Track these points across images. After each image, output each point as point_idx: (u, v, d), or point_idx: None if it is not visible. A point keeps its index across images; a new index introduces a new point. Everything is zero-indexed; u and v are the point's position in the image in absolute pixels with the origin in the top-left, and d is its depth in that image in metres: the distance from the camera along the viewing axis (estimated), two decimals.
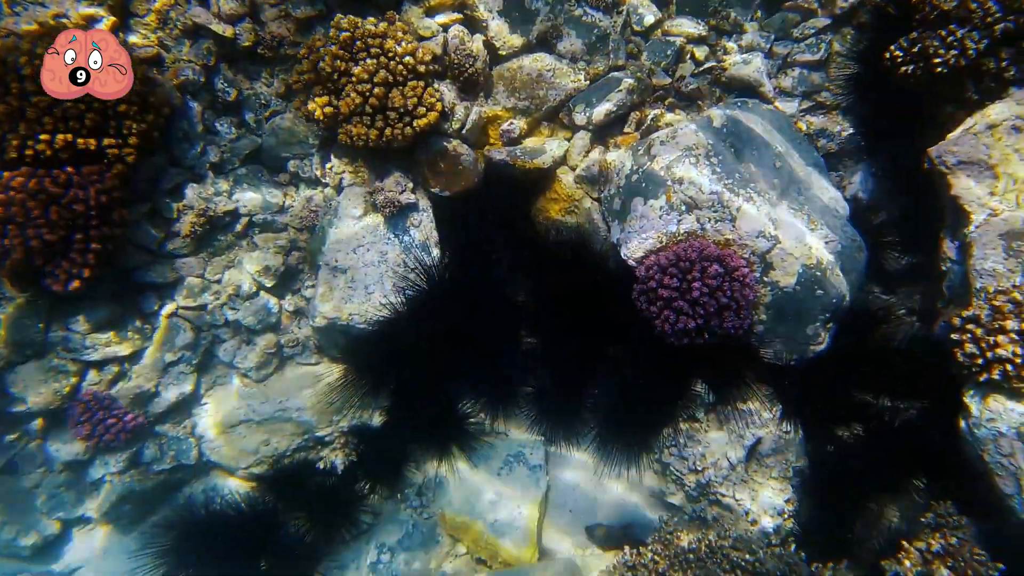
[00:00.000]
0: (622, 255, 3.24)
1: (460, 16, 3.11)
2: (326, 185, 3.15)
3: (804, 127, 3.43)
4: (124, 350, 2.97)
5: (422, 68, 2.90)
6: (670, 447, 3.19)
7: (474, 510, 3.11)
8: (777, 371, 3.17)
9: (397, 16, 2.96)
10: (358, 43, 2.76)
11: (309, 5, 2.84)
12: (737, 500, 3.07)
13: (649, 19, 3.40)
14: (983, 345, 2.65)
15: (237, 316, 3.14)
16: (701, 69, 3.40)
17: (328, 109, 2.81)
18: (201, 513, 2.93)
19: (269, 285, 3.15)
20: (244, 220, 3.08)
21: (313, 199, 3.12)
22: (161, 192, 2.99)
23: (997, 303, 2.66)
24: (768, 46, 3.38)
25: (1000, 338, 2.60)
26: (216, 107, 2.98)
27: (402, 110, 2.86)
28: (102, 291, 2.92)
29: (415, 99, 2.88)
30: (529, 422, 3.29)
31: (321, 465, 3.14)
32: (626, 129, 3.36)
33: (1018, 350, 2.55)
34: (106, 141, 2.61)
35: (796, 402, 3.13)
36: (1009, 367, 2.58)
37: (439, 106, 2.96)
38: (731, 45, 3.39)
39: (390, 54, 2.81)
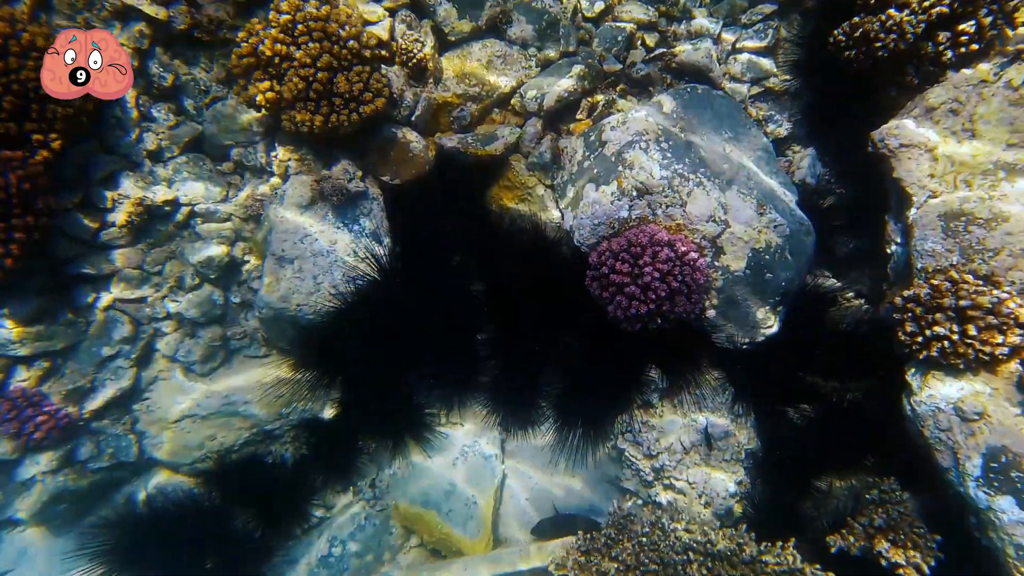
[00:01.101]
0: (575, 241, 3.24)
1: (407, 0, 3.08)
2: (272, 173, 3.07)
3: (754, 112, 3.46)
4: (56, 344, 2.86)
5: (367, 53, 2.84)
6: (625, 433, 3.20)
7: (428, 501, 3.09)
8: (729, 355, 3.21)
9: (342, 1, 2.91)
10: (300, 26, 2.69)
11: None
12: (690, 483, 3.10)
13: (599, 5, 3.39)
14: (922, 324, 2.72)
15: (179, 308, 3.05)
16: (652, 55, 3.41)
17: (270, 95, 2.74)
18: (143, 511, 2.85)
19: (213, 276, 3.06)
20: (185, 209, 2.98)
21: (259, 188, 3.04)
22: (94, 181, 2.87)
23: (935, 282, 2.72)
24: (717, 32, 3.40)
25: (938, 316, 2.67)
26: (152, 93, 2.88)
27: (348, 96, 2.80)
28: (31, 283, 2.79)
29: (361, 84, 2.82)
30: (485, 412, 3.27)
31: (270, 459, 3.07)
32: (578, 115, 3.36)
33: (954, 327, 2.63)
34: (28, 126, 2.49)
35: (748, 385, 3.16)
36: (946, 344, 2.65)
37: (386, 92, 2.91)
38: (681, 31, 3.41)
39: (334, 38, 2.75)
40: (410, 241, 3.19)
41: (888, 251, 3.16)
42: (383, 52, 3.01)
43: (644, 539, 2.82)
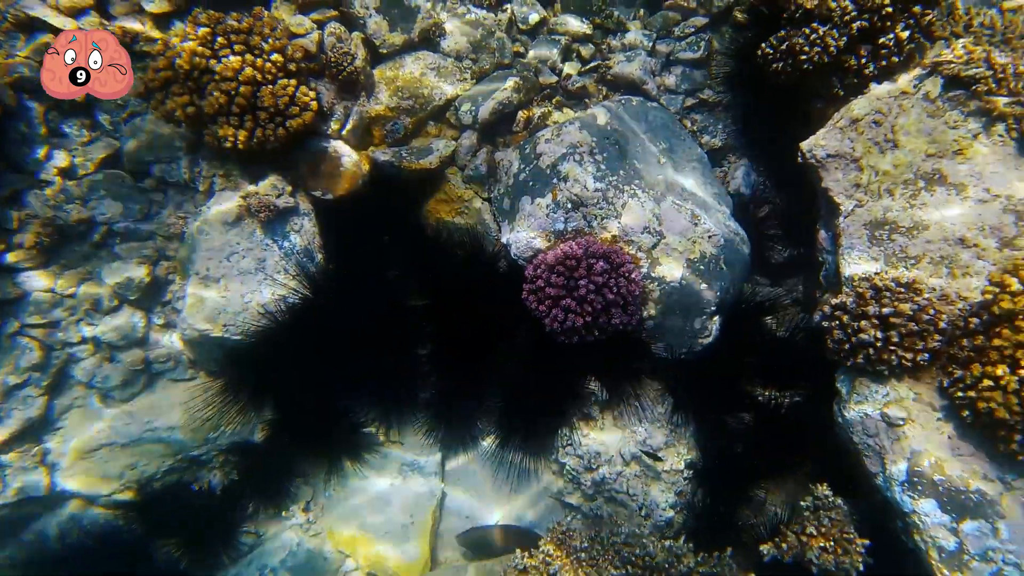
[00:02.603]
0: (512, 255, 3.21)
1: (335, 12, 3.01)
2: (196, 190, 2.98)
3: (689, 124, 3.51)
4: None
5: (293, 66, 2.77)
6: (566, 447, 3.19)
7: (364, 523, 3.01)
8: (668, 365, 3.23)
9: (266, 12, 2.84)
10: (220, 39, 2.62)
11: None
12: (631, 496, 3.09)
13: (534, 17, 3.40)
14: (849, 331, 2.77)
15: (96, 332, 2.93)
16: (587, 67, 3.42)
17: (190, 109, 2.65)
18: (55, 548, 2.71)
19: (133, 298, 2.96)
20: (103, 229, 2.87)
21: (182, 205, 2.95)
22: None
23: (861, 290, 2.78)
24: (651, 44, 3.44)
25: (863, 323, 2.72)
26: (62, 107, 2.77)
27: (273, 110, 2.72)
28: None
29: (287, 98, 2.75)
30: (424, 429, 3.21)
31: (197, 487, 2.96)
32: (514, 128, 3.34)
33: (879, 334, 2.68)
34: None
35: (687, 395, 3.18)
36: (871, 351, 2.71)
37: (315, 106, 2.85)
38: (616, 44, 3.44)
39: (256, 51, 2.68)
40: (344, 257, 3.13)
41: (820, 259, 3.23)
42: (311, 65, 2.95)
43: (583, 554, 2.80)
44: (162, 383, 3.09)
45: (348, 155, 3.09)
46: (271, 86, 2.72)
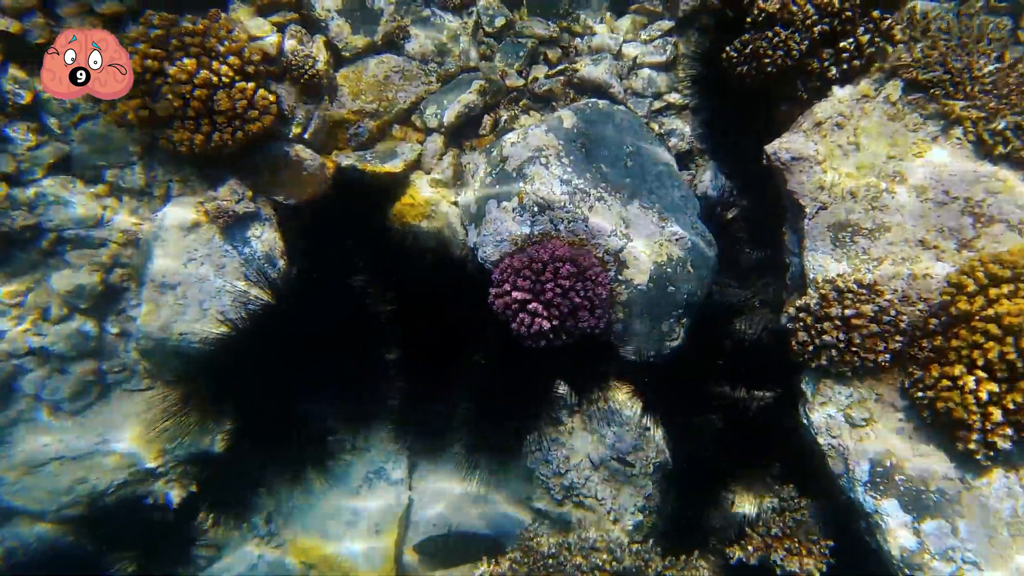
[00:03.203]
0: (479, 259, 3.19)
1: (296, 15, 2.96)
2: (152, 195, 2.91)
3: (656, 127, 3.51)
4: None
5: (251, 69, 2.71)
6: (535, 452, 3.16)
7: (328, 533, 2.95)
8: (637, 368, 3.22)
9: (223, 14, 2.78)
10: (174, 41, 2.56)
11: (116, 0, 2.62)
12: (599, 500, 3.07)
13: (500, 20, 3.38)
14: (812, 333, 2.78)
15: (44, 343, 2.82)
16: (554, 71, 3.41)
17: (143, 113, 2.57)
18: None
19: (85, 306, 2.86)
20: (52, 236, 2.77)
21: (137, 211, 2.87)
22: None
23: (824, 291, 2.80)
24: (617, 48, 3.44)
25: (826, 325, 2.74)
26: (6, 111, 2.67)
27: (231, 114, 2.67)
28: None
29: (245, 102, 2.69)
30: (391, 436, 3.16)
31: (151, 500, 2.88)
32: (481, 131, 3.32)
33: (841, 336, 2.70)
34: None
35: (655, 398, 3.18)
36: (834, 352, 2.72)
37: (274, 109, 2.79)
38: (582, 47, 3.43)
39: (212, 53, 2.62)
40: (308, 262, 3.08)
41: (787, 261, 3.25)
42: (272, 68, 2.90)
43: (551, 560, 2.78)
44: (116, 394, 2.99)
45: (311, 159, 3.03)
46: (228, 89, 2.66)
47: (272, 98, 2.84)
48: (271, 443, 2.92)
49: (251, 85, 2.74)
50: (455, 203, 3.29)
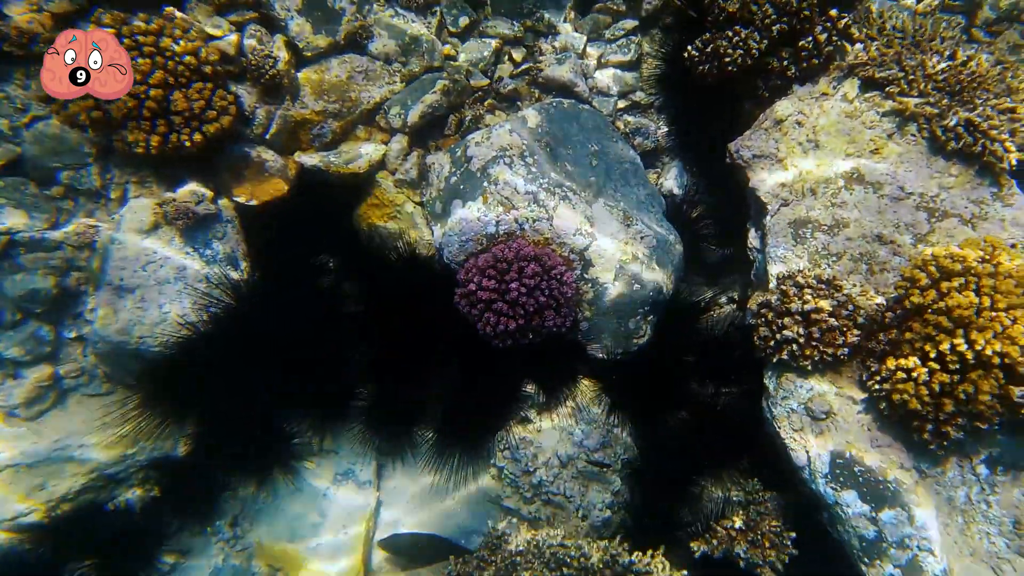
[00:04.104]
0: (445, 259, 3.18)
1: (255, 14, 2.92)
2: (108, 197, 2.86)
3: (621, 126, 3.53)
4: None
5: (208, 69, 2.68)
6: (504, 450, 3.17)
7: (295, 535, 2.93)
8: (605, 366, 3.24)
9: (179, 13, 2.74)
10: (127, 40, 2.51)
11: None
12: (568, 498, 3.08)
13: (464, 20, 3.37)
14: (773, 328, 2.81)
15: None
16: (519, 70, 3.41)
17: (95, 114, 2.53)
18: None
19: (39, 311, 2.80)
20: (4, 239, 2.70)
21: (94, 213, 2.82)
22: None
23: (785, 287, 2.83)
24: (582, 47, 3.45)
25: (786, 320, 2.77)
26: None
27: (188, 114, 2.63)
28: None
29: (203, 102, 2.66)
30: (360, 437, 3.14)
31: (111, 506, 2.83)
32: (446, 131, 3.31)
33: (801, 331, 2.73)
34: None
35: (623, 395, 3.20)
36: (795, 347, 2.75)
37: (233, 110, 2.75)
38: (547, 46, 3.44)
39: (167, 53, 2.57)
40: (272, 264, 3.04)
41: (751, 257, 3.28)
42: (231, 68, 2.86)
43: (519, 558, 2.78)
44: (75, 399, 2.93)
45: (273, 160, 3.00)
46: (185, 89, 2.63)
47: (231, 98, 2.81)
48: (236, 446, 2.88)
49: (209, 85, 2.71)
50: (420, 203, 3.28)
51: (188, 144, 2.68)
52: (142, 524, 2.76)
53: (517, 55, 3.40)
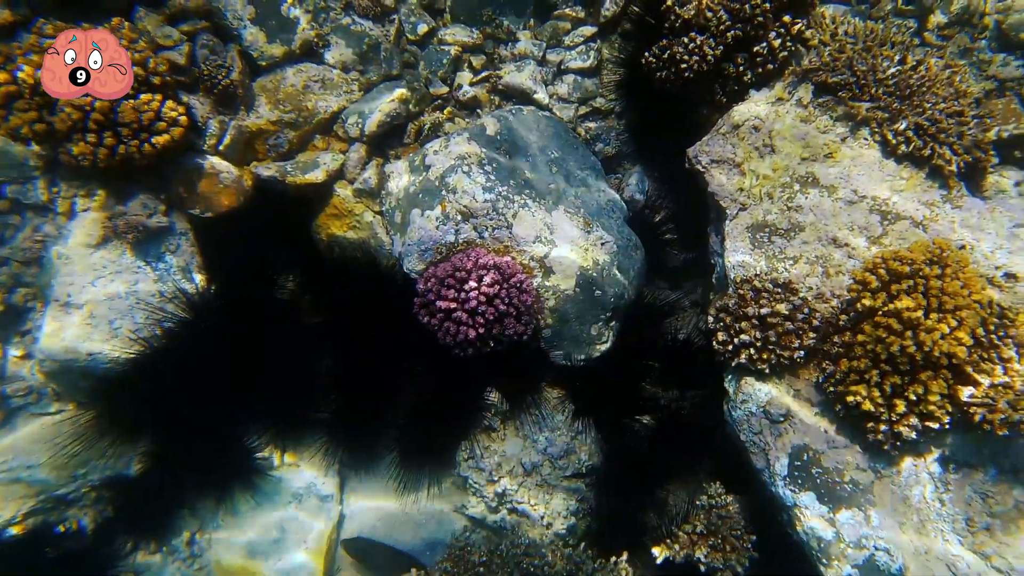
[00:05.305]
0: (404, 268, 3.16)
1: (207, 24, 2.89)
2: (56, 212, 2.79)
3: (582, 132, 3.54)
4: None
5: (157, 79, 2.63)
6: (468, 460, 3.15)
7: (255, 552, 2.88)
8: (567, 373, 3.23)
9: (127, 23, 2.70)
10: None
11: (5, 7, 2.51)
12: (532, 506, 3.07)
13: (423, 28, 3.36)
14: (732, 332, 2.84)
15: None
16: (479, 77, 3.40)
17: (39, 127, 2.47)
18: None
19: None
20: None
21: (41, 228, 2.76)
22: None
23: (742, 291, 2.85)
24: (541, 54, 3.45)
25: (744, 324, 2.79)
26: None
27: (136, 126, 2.59)
28: None
29: (152, 114, 2.61)
30: (323, 449, 3.11)
31: (62, 528, 2.76)
32: (405, 140, 3.29)
33: (758, 334, 2.75)
34: None
35: (587, 401, 3.20)
36: (752, 351, 2.77)
37: (184, 120, 2.71)
38: (506, 53, 3.44)
39: None
40: (229, 276, 3.00)
41: (712, 262, 3.30)
42: (183, 78, 2.82)
43: (482, 568, 2.77)
44: (22, 418, 2.85)
45: (227, 171, 2.96)
46: (132, 100, 2.59)
47: (182, 109, 2.76)
48: (194, 462, 2.83)
49: (158, 96, 2.66)
50: (380, 213, 3.26)
51: (137, 156, 2.64)
52: (95, 546, 2.69)
53: (477, 62, 3.39)
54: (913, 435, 2.48)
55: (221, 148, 2.95)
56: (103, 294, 2.69)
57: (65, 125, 2.49)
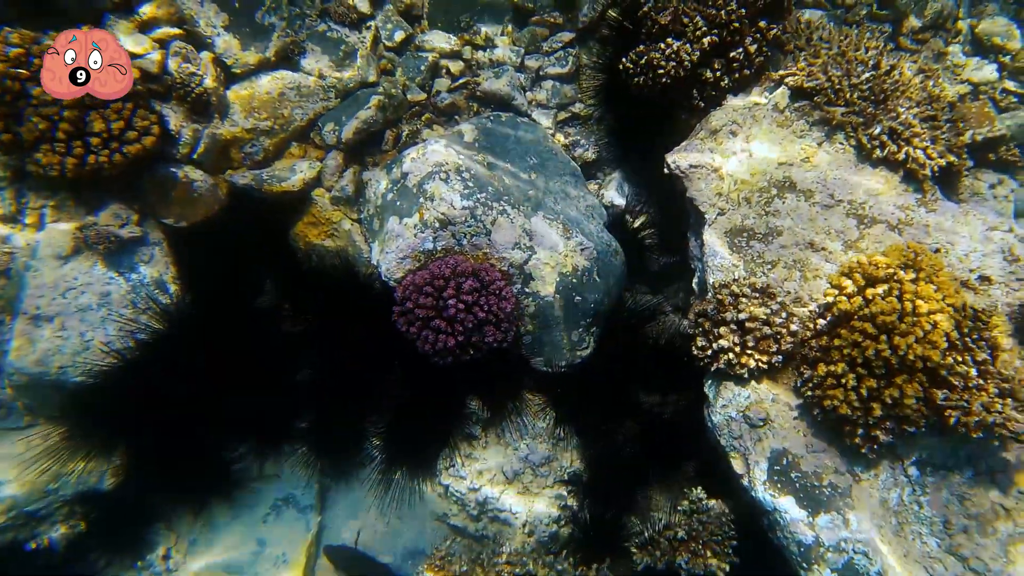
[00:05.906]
0: (383, 276, 3.14)
1: (180, 31, 2.86)
2: (24, 223, 2.75)
3: (561, 137, 3.54)
4: None
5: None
6: (449, 468, 3.12)
7: (231, 565, 2.84)
8: (548, 379, 3.22)
9: (97, 31, 2.67)
10: (36, 60, 2.44)
11: None
12: (514, 513, 3.04)
13: (400, 35, 3.35)
14: (711, 337, 2.84)
15: None
16: (457, 84, 3.40)
17: (5, 136, 2.43)
18: None
19: None
20: None
21: (9, 239, 2.71)
22: None
23: (721, 296, 2.85)
24: (519, 60, 3.45)
25: (723, 329, 2.79)
26: None
27: (106, 135, 2.55)
28: None
29: (122, 123, 2.58)
30: (303, 459, 3.07)
31: (33, 545, 2.70)
32: (384, 147, 3.28)
33: (736, 339, 2.76)
34: None
35: (568, 407, 3.18)
36: (731, 356, 2.77)
37: (156, 129, 2.67)
38: (484, 59, 3.43)
39: None
40: (205, 286, 2.96)
41: (692, 266, 3.30)
42: (154, 86, 2.78)
43: None
44: None
45: (201, 180, 2.93)
46: (102, 110, 2.55)
47: (154, 118, 2.72)
48: (169, 475, 2.79)
49: (129, 105, 2.62)
50: (358, 220, 3.24)
51: (108, 166, 2.59)
52: (68, 562, 2.64)
53: (455, 68, 3.38)
54: (890, 438, 2.48)
55: (195, 156, 2.91)
56: (74, 306, 2.64)
57: (32, 135, 2.45)
